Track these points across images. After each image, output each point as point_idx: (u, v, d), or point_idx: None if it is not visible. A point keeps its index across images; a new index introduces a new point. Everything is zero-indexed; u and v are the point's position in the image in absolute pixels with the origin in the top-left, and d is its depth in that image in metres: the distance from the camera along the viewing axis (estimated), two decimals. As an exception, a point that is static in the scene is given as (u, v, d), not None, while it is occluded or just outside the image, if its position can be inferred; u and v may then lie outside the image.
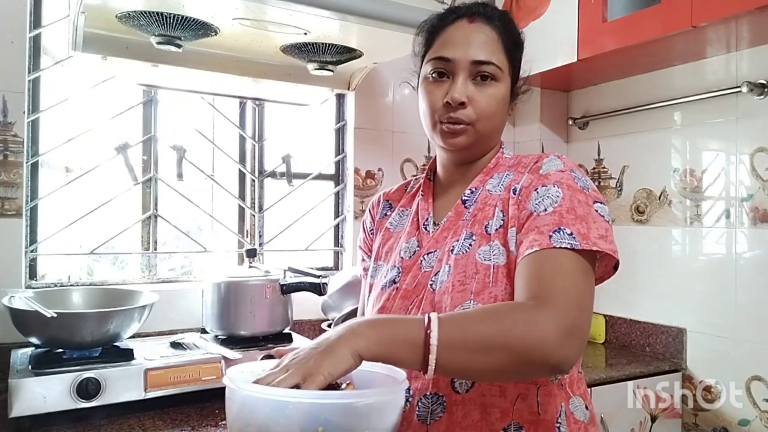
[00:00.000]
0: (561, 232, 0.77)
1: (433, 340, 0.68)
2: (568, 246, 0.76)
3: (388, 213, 1.05)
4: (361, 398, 0.68)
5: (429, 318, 0.70)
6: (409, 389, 0.85)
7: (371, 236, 1.06)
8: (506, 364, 0.69)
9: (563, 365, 0.71)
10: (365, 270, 1.06)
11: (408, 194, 1.04)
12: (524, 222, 0.82)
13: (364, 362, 0.68)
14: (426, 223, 0.95)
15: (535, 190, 0.83)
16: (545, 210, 0.80)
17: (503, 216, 0.86)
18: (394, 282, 0.92)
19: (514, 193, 0.86)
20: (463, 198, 0.92)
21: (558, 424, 0.83)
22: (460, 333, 0.69)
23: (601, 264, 0.84)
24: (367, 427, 0.66)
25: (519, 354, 0.69)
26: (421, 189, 1.01)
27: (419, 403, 0.84)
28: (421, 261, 0.91)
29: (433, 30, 0.92)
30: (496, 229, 0.85)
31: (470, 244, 0.86)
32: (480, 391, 0.82)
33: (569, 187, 0.82)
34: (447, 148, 0.92)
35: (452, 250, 0.87)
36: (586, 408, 0.88)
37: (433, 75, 0.90)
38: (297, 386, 0.64)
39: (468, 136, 0.89)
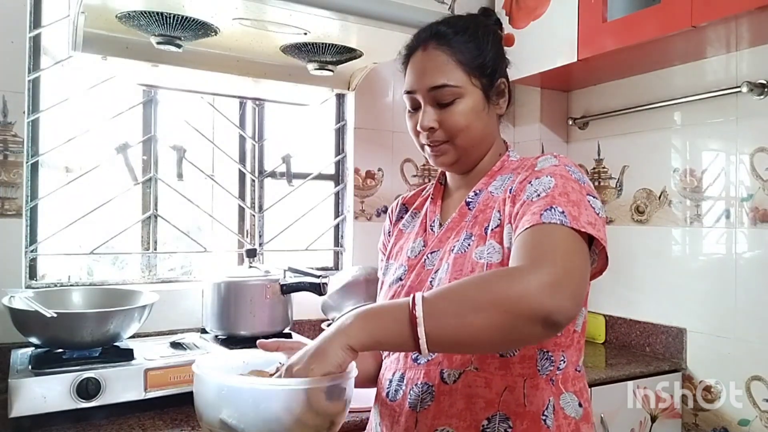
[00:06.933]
0: (552, 210, 0.78)
1: (418, 313, 0.69)
2: (558, 222, 0.77)
3: (403, 216, 1.09)
4: (323, 382, 0.72)
5: (413, 296, 0.71)
6: (402, 377, 0.91)
7: (388, 238, 1.10)
8: (497, 321, 0.69)
9: (555, 315, 0.68)
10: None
11: (423, 198, 1.09)
12: (518, 212, 0.83)
13: None
14: (432, 224, 1.00)
15: (529, 183, 0.85)
16: (538, 196, 0.82)
17: (500, 216, 0.88)
18: (400, 279, 0.97)
19: (510, 193, 0.89)
20: (467, 200, 0.96)
21: (544, 417, 0.84)
22: (444, 300, 0.71)
23: (598, 262, 0.86)
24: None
25: (506, 308, 0.68)
26: (432, 192, 1.05)
27: (411, 392, 0.88)
28: (425, 260, 0.95)
29: (403, 63, 0.98)
30: (493, 229, 0.88)
31: (468, 245, 0.89)
32: (467, 382, 0.85)
33: (562, 176, 0.84)
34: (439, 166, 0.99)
35: (452, 250, 0.91)
36: (580, 405, 0.88)
37: (408, 109, 0.97)
38: None
39: (450, 153, 0.94)
